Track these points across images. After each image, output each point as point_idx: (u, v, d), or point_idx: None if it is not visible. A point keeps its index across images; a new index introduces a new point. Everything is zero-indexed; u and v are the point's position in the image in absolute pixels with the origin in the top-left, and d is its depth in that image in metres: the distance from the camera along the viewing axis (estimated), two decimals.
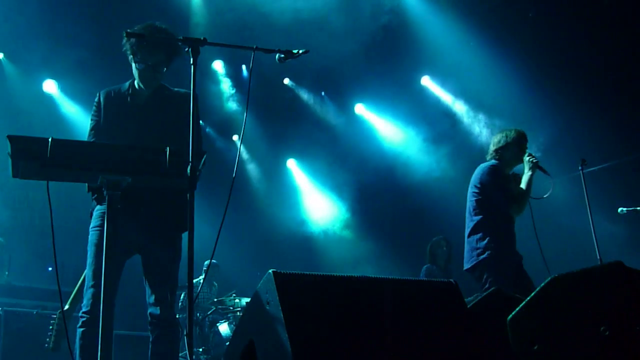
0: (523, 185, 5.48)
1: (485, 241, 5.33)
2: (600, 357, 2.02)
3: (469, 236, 5.51)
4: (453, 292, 3.16)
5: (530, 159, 5.56)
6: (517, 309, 2.27)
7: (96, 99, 4.04)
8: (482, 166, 5.62)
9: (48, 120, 9.87)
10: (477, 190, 5.54)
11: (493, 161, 5.63)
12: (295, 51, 3.56)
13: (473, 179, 5.65)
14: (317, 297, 2.78)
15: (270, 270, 2.77)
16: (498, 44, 9.74)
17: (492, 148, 5.73)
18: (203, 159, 3.31)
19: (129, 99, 4.02)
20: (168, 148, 3.06)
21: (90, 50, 9.06)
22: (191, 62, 3.23)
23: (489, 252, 5.29)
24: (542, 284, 2.23)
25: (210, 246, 3.38)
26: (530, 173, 5.50)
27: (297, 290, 2.74)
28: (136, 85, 4.02)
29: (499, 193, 5.45)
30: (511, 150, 5.62)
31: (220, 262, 10.48)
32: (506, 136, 5.67)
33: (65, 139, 2.96)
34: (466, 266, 5.47)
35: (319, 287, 2.84)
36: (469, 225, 5.55)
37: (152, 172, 3.07)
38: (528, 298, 2.25)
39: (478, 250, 5.35)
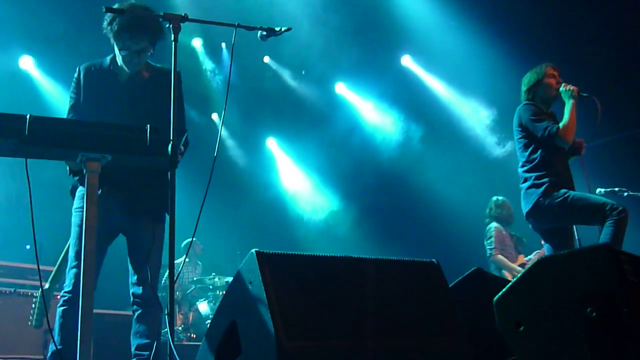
0: (566, 115, 5.19)
1: (545, 178, 5.11)
2: (587, 338, 2.04)
3: (524, 181, 5.27)
4: (435, 271, 3.18)
5: (567, 88, 5.29)
6: (504, 290, 2.28)
7: (76, 75, 3.95)
8: (517, 108, 5.40)
9: (24, 98, 9.69)
10: (520, 135, 5.32)
11: (527, 101, 5.40)
12: (277, 29, 3.53)
13: (514, 124, 5.42)
14: (300, 277, 2.77)
15: (253, 250, 2.75)
16: (479, 24, 9.74)
17: (524, 89, 5.48)
18: (184, 137, 3.28)
19: (110, 75, 3.94)
20: (148, 126, 3.02)
21: (68, 24, 8.89)
22: (172, 38, 3.19)
23: (551, 179, 5.09)
24: (529, 265, 2.24)
25: (191, 225, 3.36)
26: (571, 101, 5.23)
27: (280, 269, 2.73)
28: (118, 62, 3.95)
29: (540, 127, 5.16)
30: (544, 86, 5.38)
31: (201, 242, 10.50)
32: (536, 73, 5.43)
33: (44, 116, 2.91)
34: (526, 209, 5.21)
35: (301, 267, 2.84)
36: (522, 170, 5.31)
37: (133, 150, 3.03)
38: (514, 279, 2.26)
39: (537, 186, 5.13)
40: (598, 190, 6.84)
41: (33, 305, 4.97)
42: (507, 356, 2.49)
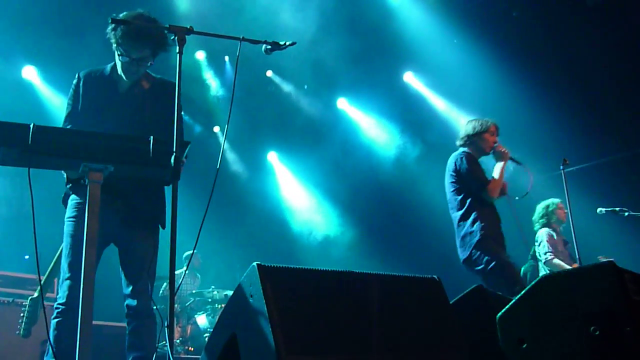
0: (495, 174, 5.47)
1: (476, 224, 5.30)
2: (590, 357, 2.02)
3: (458, 226, 5.46)
4: (436, 287, 3.16)
5: (501, 150, 5.56)
6: (507, 306, 2.27)
7: (75, 81, 3.88)
8: (455, 155, 5.60)
9: (27, 107, 9.69)
10: (453, 180, 5.53)
11: (465, 149, 5.62)
12: (282, 43, 3.52)
13: (448, 169, 5.62)
14: (301, 291, 2.76)
15: (254, 263, 2.73)
16: (482, 42, 9.78)
17: (464, 134, 5.69)
18: (187, 149, 3.27)
19: (110, 83, 3.88)
20: (152, 137, 3.02)
21: (71, 35, 8.92)
22: (177, 51, 3.18)
23: (481, 232, 5.26)
24: (533, 282, 2.23)
25: (189, 237, 3.34)
26: (502, 163, 5.51)
27: (281, 283, 2.71)
28: (118, 70, 3.91)
29: (473, 179, 5.42)
30: (484, 140, 5.61)
31: (200, 254, 10.47)
32: (481, 125, 5.63)
33: (47, 126, 2.91)
34: (462, 257, 5.41)
35: (303, 280, 2.82)
36: (455, 216, 5.50)
37: (135, 161, 3.02)
38: (517, 297, 2.25)
39: (471, 235, 5.31)
40: (599, 210, 6.85)
41: (22, 315, 4.93)
42: None
